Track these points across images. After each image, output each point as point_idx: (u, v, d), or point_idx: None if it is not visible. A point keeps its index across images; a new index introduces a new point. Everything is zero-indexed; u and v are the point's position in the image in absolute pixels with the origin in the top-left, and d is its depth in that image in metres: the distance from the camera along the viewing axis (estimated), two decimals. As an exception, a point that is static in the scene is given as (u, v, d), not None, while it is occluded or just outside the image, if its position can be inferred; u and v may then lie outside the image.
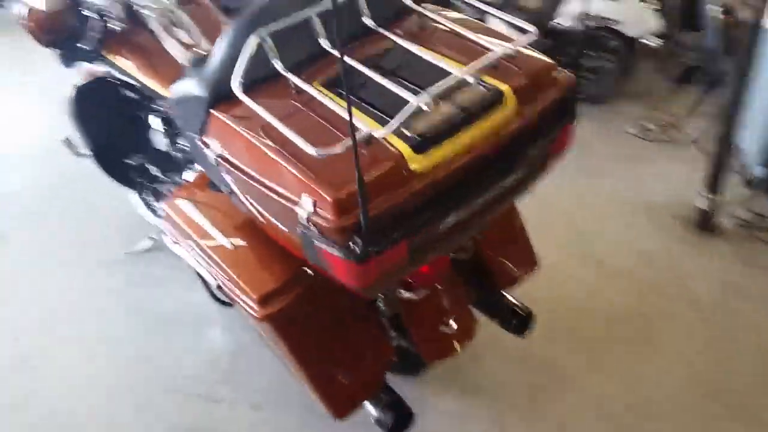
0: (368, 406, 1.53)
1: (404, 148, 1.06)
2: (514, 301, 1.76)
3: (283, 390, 1.86)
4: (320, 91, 1.15)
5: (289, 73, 1.17)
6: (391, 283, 1.39)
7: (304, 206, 1.04)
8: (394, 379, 1.73)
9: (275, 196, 1.10)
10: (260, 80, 1.19)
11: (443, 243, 1.24)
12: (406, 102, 1.05)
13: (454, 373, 1.95)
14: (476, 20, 1.37)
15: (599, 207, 2.70)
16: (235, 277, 1.34)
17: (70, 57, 1.99)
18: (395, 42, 1.25)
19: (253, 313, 1.30)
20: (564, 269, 2.36)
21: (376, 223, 1.02)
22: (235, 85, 1.15)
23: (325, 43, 1.24)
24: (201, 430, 1.80)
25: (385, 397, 1.55)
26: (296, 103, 1.16)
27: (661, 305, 2.21)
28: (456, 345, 1.57)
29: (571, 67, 1.28)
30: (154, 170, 2.20)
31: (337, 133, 1.09)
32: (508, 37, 1.25)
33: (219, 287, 1.43)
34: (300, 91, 1.16)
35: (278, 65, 1.18)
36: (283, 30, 1.18)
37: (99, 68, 2.02)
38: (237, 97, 1.15)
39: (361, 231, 0.99)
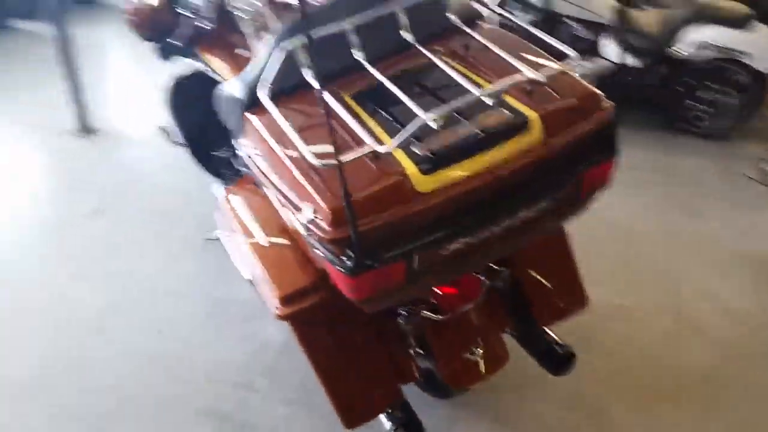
0: (383, 419, 1.51)
1: (410, 166, 1.04)
2: (555, 338, 1.65)
3: (318, 391, 1.88)
4: (347, 103, 1.16)
5: (315, 83, 1.18)
6: (395, 300, 1.35)
7: (305, 214, 1.05)
8: (427, 400, 1.71)
9: (286, 202, 1.12)
10: (296, 88, 1.22)
11: (449, 268, 1.19)
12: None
13: (492, 402, 1.87)
14: (525, 42, 1.31)
15: (692, 250, 2.47)
16: (264, 273, 1.37)
17: (166, 51, 2.14)
18: (430, 59, 1.22)
19: (275, 310, 1.33)
20: (636, 311, 2.19)
21: (372, 239, 1.00)
22: (262, 91, 1.18)
23: (359, 56, 1.24)
24: (232, 417, 1.85)
25: (401, 415, 1.52)
26: (319, 113, 1.17)
27: (745, 372, 1.97)
28: (480, 373, 1.50)
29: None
30: (237, 164, 2.32)
31: (352, 144, 1.08)
32: (551, 60, 1.18)
33: (250, 281, 1.47)
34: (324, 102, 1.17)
35: (307, 75, 1.19)
36: (318, 41, 1.19)
37: (195, 64, 2.16)
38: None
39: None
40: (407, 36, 1.28)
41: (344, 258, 1.02)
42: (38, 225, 2.72)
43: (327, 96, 1.14)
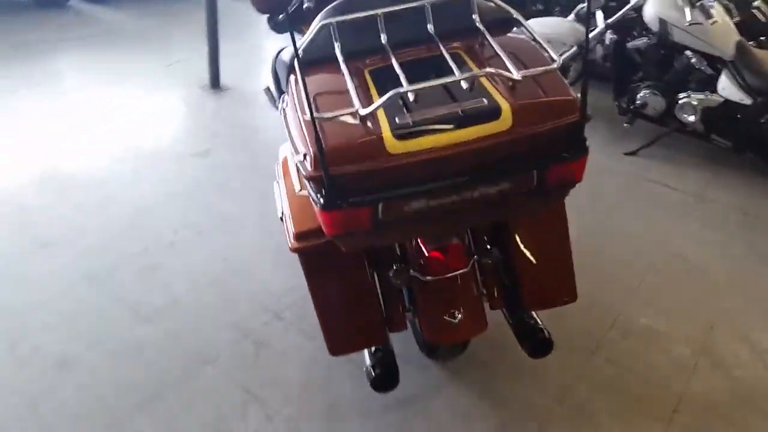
0: (366, 354, 1.70)
1: (386, 131, 1.21)
2: (540, 323, 1.74)
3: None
4: (364, 77, 1.35)
5: (340, 56, 1.37)
6: (368, 244, 1.50)
7: (298, 156, 1.26)
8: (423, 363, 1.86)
9: (292, 148, 1.34)
10: (330, 59, 1.43)
11: (412, 226, 1.35)
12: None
13: (485, 380, 1.98)
14: (535, 47, 1.40)
15: (748, 296, 2.38)
16: (289, 213, 1.62)
17: (279, 26, 2.43)
18: (441, 51, 1.38)
19: (290, 244, 1.57)
20: (661, 335, 2.17)
21: (343, 183, 1.19)
22: (295, 57, 1.41)
23: (384, 39, 1.43)
24: (253, 335, 2.12)
25: (381, 355, 1.69)
26: (336, 80, 1.35)
27: (754, 417, 1.91)
28: (456, 334, 1.63)
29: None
30: None
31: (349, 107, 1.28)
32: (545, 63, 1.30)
33: (281, 218, 1.73)
34: (343, 73, 1.35)
35: (337, 49, 1.40)
36: (352, 22, 1.39)
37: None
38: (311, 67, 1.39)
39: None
40: (430, 29, 1.45)
41: (320, 195, 1.22)
42: (154, 156, 3.23)
43: (343, 66, 1.35)
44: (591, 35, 3.60)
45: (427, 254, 1.54)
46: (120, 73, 4.29)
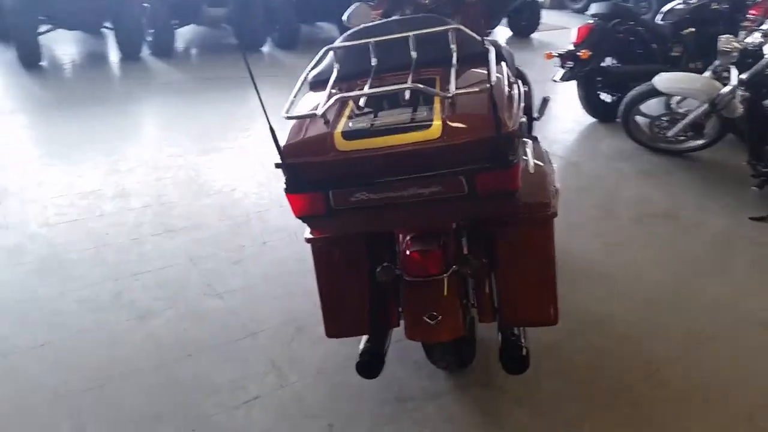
0: (361, 341, 1.86)
1: (338, 131, 1.47)
2: (521, 340, 1.79)
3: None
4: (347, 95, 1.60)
5: (332, 79, 1.67)
6: (327, 227, 1.68)
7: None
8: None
9: None
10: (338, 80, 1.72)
11: (361, 217, 1.53)
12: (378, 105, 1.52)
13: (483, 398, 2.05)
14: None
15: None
16: None
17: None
18: (419, 75, 1.62)
19: (305, 235, 1.86)
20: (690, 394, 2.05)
21: (300, 171, 1.46)
22: (308, 77, 1.72)
23: (374, 62, 1.71)
24: (297, 323, 2.40)
25: (371, 345, 1.87)
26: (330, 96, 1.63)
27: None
28: (432, 335, 1.75)
29: None
30: None
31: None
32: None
33: None
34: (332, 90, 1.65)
35: (334, 72, 1.70)
36: (350, 49, 1.71)
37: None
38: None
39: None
40: (413, 56, 1.69)
41: (284, 181, 1.50)
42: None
43: (330, 83, 1.64)
44: (723, 92, 3.45)
45: (408, 254, 1.71)
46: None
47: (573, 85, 4.82)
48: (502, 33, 8.68)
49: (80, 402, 2.03)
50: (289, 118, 1.51)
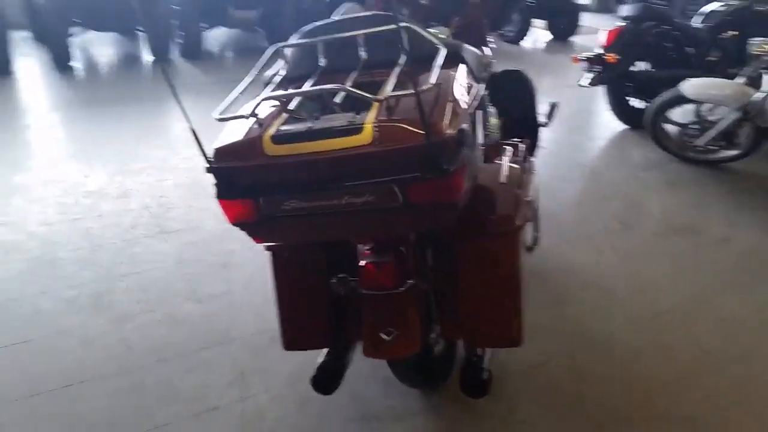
0: (320, 356, 1.76)
1: (267, 135, 1.35)
2: (484, 363, 1.65)
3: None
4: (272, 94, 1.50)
5: (275, 77, 1.60)
6: (262, 236, 1.53)
7: None
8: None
9: None
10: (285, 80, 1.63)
11: (294, 226, 1.43)
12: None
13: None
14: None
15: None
16: None
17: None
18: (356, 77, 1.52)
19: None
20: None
21: (229, 176, 1.36)
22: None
23: (322, 62, 1.60)
24: (273, 333, 2.27)
25: (329, 360, 1.76)
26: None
27: None
28: (387, 352, 1.63)
29: None
30: None
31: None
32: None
33: None
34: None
35: (282, 72, 1.62)
36: (298, 48, 1.64)
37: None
38: None
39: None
40: (362, 56, 1.57)
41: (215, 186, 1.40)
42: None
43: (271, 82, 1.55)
44: (756, 98, 3.21)
45: (362, 266, 1.60)
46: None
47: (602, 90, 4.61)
48: (541, 36, 8.45)
49: (40, 403, 1.98)
50: (220, 120, 1.41)
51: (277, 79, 1.61)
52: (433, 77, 1.36)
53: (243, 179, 1.37)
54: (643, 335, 2.27)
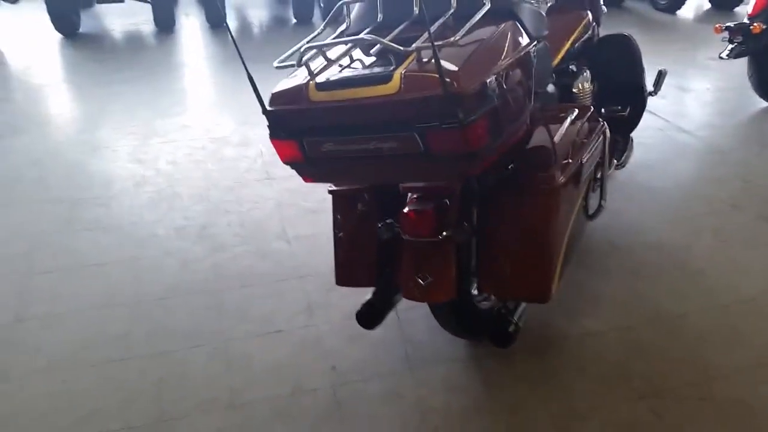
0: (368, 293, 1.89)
1: (313, 82, 1.48)
2: (514, 315, 1.68)
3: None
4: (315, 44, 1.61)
5: (340, 29, 1.71)
6: (309, 175, 1.66)
7: None
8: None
9: None
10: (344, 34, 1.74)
11: (334, 167, 1.56)
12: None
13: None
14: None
15: None
16: None
17: None
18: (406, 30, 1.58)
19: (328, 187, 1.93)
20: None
21: (280, 119, 1.52)
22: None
23: (380, 18, 1.70)
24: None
25: (374, 298, 1.89)
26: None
27: None
28: (422, 295, 1.72)
29: None
30: None
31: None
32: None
33: None
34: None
35: (348, 27, 1.73)
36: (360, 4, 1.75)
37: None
38: None
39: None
40: (415, 11, 1.63)
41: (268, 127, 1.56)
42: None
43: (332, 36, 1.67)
44: None
45: (404, 212, 1.68)
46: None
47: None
48: (697, 4, 7.75)
49: (139, 310, 2.33)
50: (278, 67, 1.57)
51: (337, 32, 1.73)
52: (462, 31, 1.41)
53: (290, 122, 1.53)
54: (717, 320, 2.15)
